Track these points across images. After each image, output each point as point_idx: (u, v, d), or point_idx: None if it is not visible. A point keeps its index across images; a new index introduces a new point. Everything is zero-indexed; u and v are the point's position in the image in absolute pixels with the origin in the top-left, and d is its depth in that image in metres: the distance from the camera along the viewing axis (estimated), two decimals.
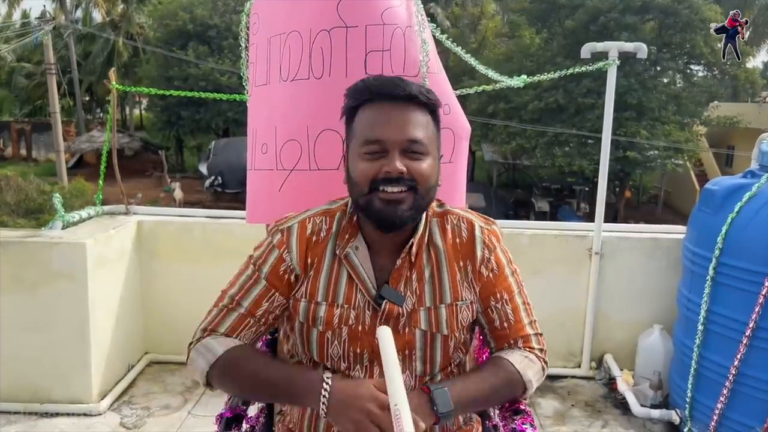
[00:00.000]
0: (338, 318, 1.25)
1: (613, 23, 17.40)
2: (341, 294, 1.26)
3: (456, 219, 1.32)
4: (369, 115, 1.22)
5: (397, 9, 1.71)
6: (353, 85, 1.25)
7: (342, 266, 1.27)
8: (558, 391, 3.43)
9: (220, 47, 21.52)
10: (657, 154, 18.17)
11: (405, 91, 1.20)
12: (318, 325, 1.26)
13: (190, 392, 3.28)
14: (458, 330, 1.28)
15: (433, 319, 1.26)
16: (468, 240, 1.31)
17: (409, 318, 1.25)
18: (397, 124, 1.19)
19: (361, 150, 1.21)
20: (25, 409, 2.97)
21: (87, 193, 12.50)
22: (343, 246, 1.27)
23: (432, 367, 1.28)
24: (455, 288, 1.28)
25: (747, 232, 2.65)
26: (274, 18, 1.81)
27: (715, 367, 2.77)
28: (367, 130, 1.20)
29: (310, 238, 1.29)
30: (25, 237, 3.03)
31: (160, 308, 3.54)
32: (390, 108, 1.20)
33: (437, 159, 1.25)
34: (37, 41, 16.71)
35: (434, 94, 1.26)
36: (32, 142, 27.24)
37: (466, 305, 1.29)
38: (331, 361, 1.27)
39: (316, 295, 1.27)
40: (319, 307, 1.26)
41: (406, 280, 1.26)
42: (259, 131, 1.86)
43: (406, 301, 1.25)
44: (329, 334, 1.26)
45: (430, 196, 1.24)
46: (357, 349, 1.25)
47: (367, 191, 1.19)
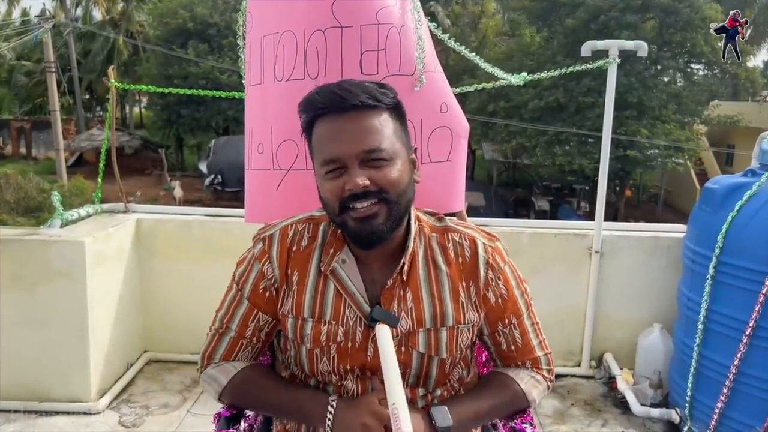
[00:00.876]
0: (326, 335, 1.20)
1: (614, 22, 17.39)
2: (328, 310, 1.20)
3: (458, 236, 1.25)
4: (320, 132, 1.16)
5: (392, 8, 1.71)
6: (301, 102, 1.20)
7: (328, 280, 1.21)
8: (558, 390, 3.42)
9: (220, 45, 21.51)
10: (657, 153, 18.17)
11: (350, 101, 1.12)
12: (305, 342, 1.22)
13: (189, 391, 3.28)
14: (457, 352, 1.24)
15: (432, 341, 1.21)
16: (471, 260, 1.24)
17: (407, 338, 1.20)
18: (350, 138, 1.12)
19: (321, 171, 1.16)
20: (23, 408, 2.97)
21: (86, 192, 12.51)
22: (329, 261, 1.21)
23: (427, 382, 1.25)
24: (458, 310, 1.22)
25: (747, 230, 2.64)
26: (266, 17, 1.80)
27: (715, 366, 2.77)
28: (322, 150, 1.15)
29: (290, 248, 1.23)
30: (24, 235, 3.02)
31: (159, 306, 3.54)
32: (339, 121, 1.13)
33: (407, 157, 1.19)
34: (37, 39, 16.71)
35: (389, 89, 1.18)
36: (32, 140, 27.24)
37: (467, 328, 1.24)
38: (321, 375, 1.24)
39: (302, 311, 1.21)
40: (306, 324, 1.21)
41: (399, 300, 1.20)
42: (255, 131, 1.85)
43: (401, 321, 1.19)
44: (317, 351, 1.22)
45: (407, 198, 1.17)
46: (347, 365, 1.21)
47: (338, 211, 1.14)
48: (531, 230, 3.56)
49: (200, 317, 3.40)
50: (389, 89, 1.18)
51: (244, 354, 1.30)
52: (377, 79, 1.70)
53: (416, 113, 1.73)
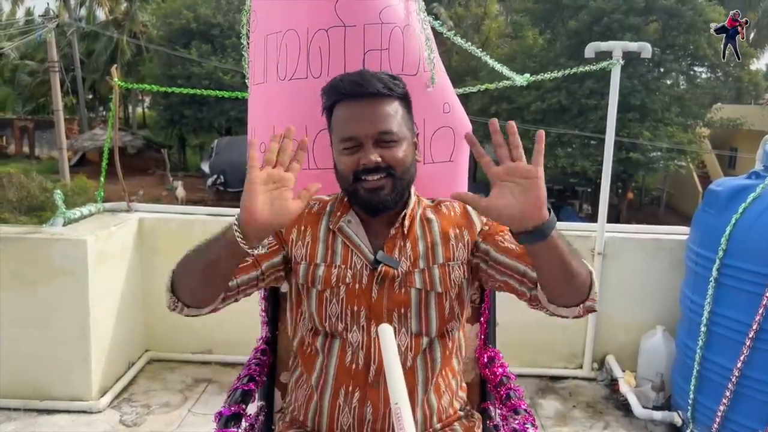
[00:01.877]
0: (336, 277, 1.35)
1: (617, 24, 17.36)
2: (338, 257, 1.36)
3: (449, 203, 1.46)
4: (341, 113, 1.35)
5: (396, 8, 1.70)
6: (326, 85, 1.39)
7: (337, 237, 1.38)
8: (559, 392, 3.41)
9: (224, 46, 21.52)
10: (660, 155, 18.15)
11: (369, 89, 1.31)
12: (317, 284, 1.35)
13: (190, 390, 3.28)
14: (452, 288, 1.36)
15: (427, 278, 1.35)
16: (462, 214, 1.43)
17: (405, 279, 1.34)
18: (367, 120, 1.31)
19: (340, 146, 1.34)
20: (24, 406, 2.97)
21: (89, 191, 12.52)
22: (336, 221, 1.39)
23: (428, 325, 1.35)
24: (447, 250, 1.37)
25: (751, 233, 2.63)
26: (270, 16, 1.80)
27: (718, 369, 2.76)
28: (342, 129, 1.34)
29: (305, 211, 1.40)
30: (26, 233, 3.02)
31: (160, 306, 3.49)
32: (358, 105, 1.33)
33: (411, 139, 1.37)
34: (41, 39, 16.73)
35: (399, 80, 1.37)
36: (35, 139, 27.30)
37: (458, 264, 1.38)
38: (329, 321, 1.35)
39: (315, 258, 1.37)
40: (318, 268, 1.36)
41: (400, 248, 1.36)
42: (258, 130, 1.85)
43: (401, 264, 1.34)
44: (327, 293, 1.34)
45: (409, 175, 1.36)
46: (354, 306, 1.33)
47: (351, 181, 1.32)
48: None
49: (202, 317, 3.42)
50: (400, 80, 1.38)
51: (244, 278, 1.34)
52: None
53: (419, 113, 1.72)
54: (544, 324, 1.37)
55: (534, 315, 1.35)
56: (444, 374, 1.40)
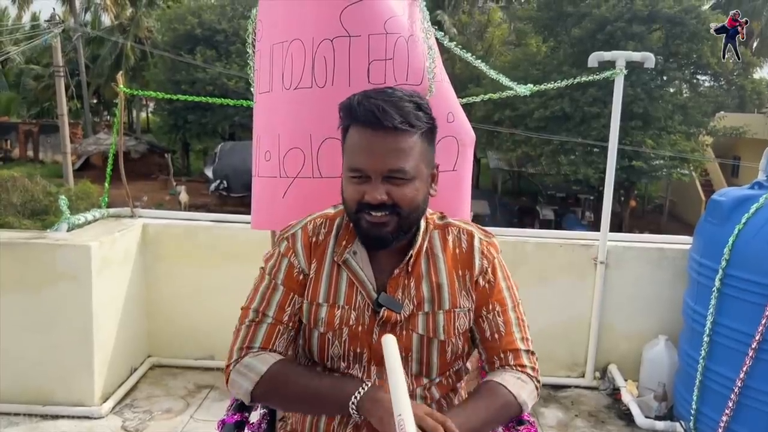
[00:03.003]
0: (339, 319, 1.30)
1: (620, 32, 17.40)
2: (342, 296, 1.31)
3: (456, 231, 1.37)
4: (354, 140, 1.25)
5: (400, 18, 1.72)
6: (342, 103, 1.27)
7: (341, 270, 1.32)
8: (561, 401, 3.41)
9: (228, 52, 21.61)
10: (663, 163, 18.14)
11: (385, 123, 1.19)
12: (319, 326, 1.31)
13: (192, 396, 3.28)
14: (455, 336, 1.32)
15: (430, 324, 1.30)
16: (467, 250, 1.35)
17: (407, 322, 1.30)
18: (379, 155, 1.21)
19: (348, 173, 1.26)
20: (27, 411, 2.97)
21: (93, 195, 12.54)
22: (341, 252, 1.32)
23: (429, 369, 1.32)
24: (454, 295, 1.32)
25: (754, 243, 2.63)
26: (276, 25, 1.81)
27: (721, 379, 2.75)
28: (351, 158, 1.25)
29: (313, 242, 1.34)
30: (31, 238, 3.04)
31: (163, 311, 3.54)
32: (372, 136, 1.21)
33: (426, 176, 1.28)
34: (46, 43, 16.79)
35: (424, 113, 1.24)
36: (39, 143, 27.40)
37: (463, 312, 1.33)
38: (331, 361, 1.31)
39: (317, 297, 1.32)
40: (321, 309, 1.31)
41: (403, 287, 1.31)
42: (263, 138, 1.86)
43: (404, 307, 1.29)
44: (330, 335, 1.30)
45: (417, 214, 1.28)
46: (357, 348, 1.30)
47: (354, 210, 1.26)
48: (536, 240, 3.55)
49: (205, 323, 3.45)
50: (426, 110, 1.25)
51: (281, 342, 1.32)
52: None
53: None
54: (546, 333, 1.38)
55: (536, 324, 1.36)
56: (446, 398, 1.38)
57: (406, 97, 1.24)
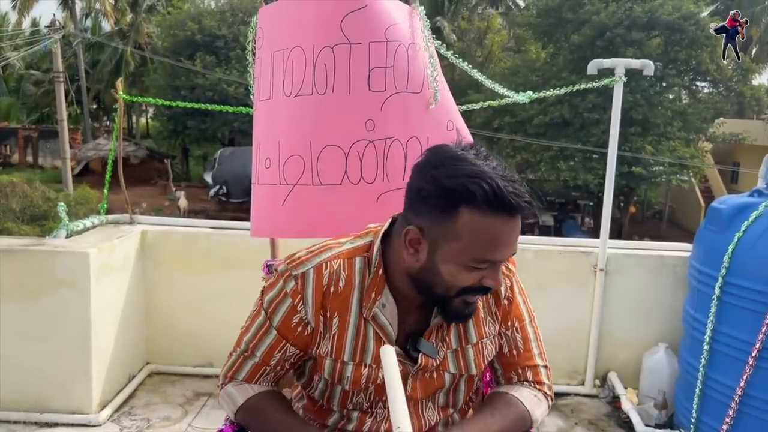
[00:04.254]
0: (366, 378, 1.23)
1: (619, 39, 17.46)
2: (369, 354, 1.22)
3: None
4: (494, 230, 1.07)
5: (400, 26, 1.72)
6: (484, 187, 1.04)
7: (368, 325, 1.21)
8: (561, 409, 3.39)
9: (228, 58, 21.66)
10: (662, 169, 18.17)
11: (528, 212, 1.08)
12: (344, 384, 1.24)
13: (191, 404, 3.26)
14: (484, 365, 1.31)
15: (461, 361, 1.27)
16: None
17: (439, 364, 1.25)
18: (513, 242, 1.10)
19: (470, 262, 1.09)
20: (25, 419, 2.96)
21: (92, 201, 12.53)
22: (370, 306, 1.20)
23: (455, 400, 1.31)
24: (479, 326, 1.27)
25: (754, 251, 2.63)
26: (277, 33, 1.82)
27: (721, 388, 2.74)
28: (488, 249, 1.08)
29: (327, 291, 1.20)
30: (29, 245, 3.03)
31: (162, 318, 3.53)
32: (511, 224, 1.08)
33: None
34: (46, 49, 16.83)
35: None
36: (39, 148, 27.43)
37: (490, 340, 1.30)
38: (354, 405, 1.28)
39: (342, 354, 1.22)
40: (346, 367, 1.22)
41: (436, 332, 1.25)
42: (263, 145, 1.86)
43: (438, 353, 1.24)
44: (355, 391, 1.26)
45: None
46: (383, 397, 1.21)
47: (454, 294, 1.14)
48: (536, 247, 3.55)
49: (203, 330, 3.43)
50: None
51: (266, 378, 1.30)
52: (385, 96, 1.72)
53: (424, 130, 1.73)
54: (545, 340, 1.36)
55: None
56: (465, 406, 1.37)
57: (509, 174, 1.09)
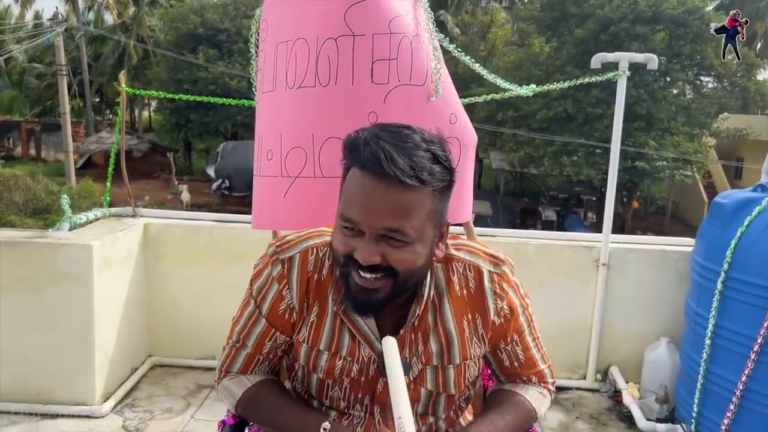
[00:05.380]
0: (339, 369, 1.21)
1: (624, 33, 17.40)
2: (345, 346, 1.20)
3: (462, 267, 1.21)
4: (352, 183, 1.06)
5: (405, 18, 1.71)
6: (350, 135, 1.07)
7: (344, 326, 1.20)
8: (562, 403, 3.40)
9: (230, 51, 21.64)
10: (665, 164, 18.13)
11: (389, 172, 0.99)
12: (318, 372, 1.23)
13: (193, 396, 3.28)
14: (465, 386, 1.27)
15: (440, 379, 1.22)
16: (477, 292, 1.21)
17: (416, 378, 1.22)
18: (377, 209, 1.02)
19: (339, 220, 1.08)
20: (28, 410, 2.97)
21: (94, 194, 12.57)
22: (340, 300, 1.17)
23: (435, 410, 1.28)
24: (464, 347, 1.22)
25: (756, 246, 2.62)
26: (281, 25, 1.81)
27: (723, 382, 2.75)
28: (345, 204, 1.07)
29: (311, 277, 1.19)
30: (33, 237, 3.04)
31: (164, 311, 3.54)
32: (374, 186, 1.02)
33: (432, 238, 1.10)
34: (49, 42, 16.83)
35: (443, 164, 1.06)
36: (41, 142, 27.45)
37: (473, 362, 1.25)
38: (330, 400, 1.26)
39: (318, 343, 1.21)
40: (321, 356, 1.21)
41: (410, 344, 1.20)
42: (265, 138, 1.86)
43: (412, 367, 1.20)
44: (329, 381, 1.23)
45: (417, 278, 1.12)
46: (358, 394, 1.23)
47: (342, 263, 1.10)
48: (538, 242, 3.55)
49: (206, 322, 3.44)
50: (444, 163, 1.06)
51: (261, 368, 1.30)
52: (387, 88, 1.72)
53: (426, 123, 1.72)
54: (547, 334, 1.36)
55: (537, 325, 1.35)
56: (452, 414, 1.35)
57: (424, 144, 1.05)
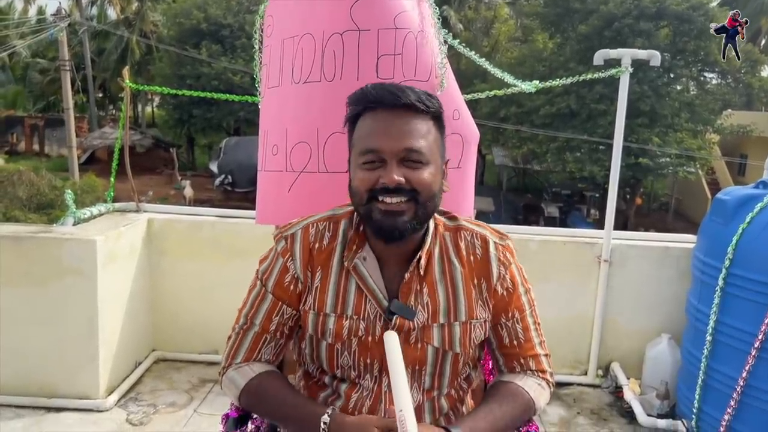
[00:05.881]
0: (347, 330, 1.24)
1: (627, 29, 17.33)
2: (350, 305, 1.25)
3: (470, 235, 1.30)
4: (367, 124, 1.21)
5: (410, 13, 1.72)
6: (353, 93, 1.23)
7: (350, 277, 1.25)
8: (564, 398, 3.41)
9: (233, 46, 21.62)
10: (669, 161, 18.08)
11: (403, 100, 1.17)
12: (327, 337, 1.26)
13: (196, 390, 3.30)
14: (470, 348, 1.29)
15: (446, 336, 1.25)
16: (483, 258, 1.29)
17: (422, 333, 1.24)
18: (395, 134, 1.17)
19: (359, 160, 1.20)
20: (32, 404, 3.00)
21: (98, 189, 12.61)
22: (351, 257, 1.25)
23: (440, 382, 1.29)
24: (470, 306, 1.27)
25: (758, 243, 2.63)
26: (288, 20, 1.81)
27: (723, 378, 2.75)
28: (365, 140, 1.19)
29: (313, 246, 1.28)
30: (37, 232, 3.06)
31: (168, 306, 3.56)
32: (388, 117, 1.18)
33: (440, 166, 1.23)
34: (52, 37, 16.85)
35: (436, 99, 1.23)
36: (45, 137, 27.48)
37: (479, 323, 1.28)
38: (341, 370, 1.27)
39: (324, 307, 1.26)
40: (328, 319, 1.25)
41: (416, 294, 1.25)
42: (270, 133, 1.87)
43: (417, 315, 1.24)
44: (339, 346, 1.26)
45: (433, 205, 1.21)
46: (367, 359, 1.25)
47: (366, 200, 1.18)
48: (540, 238, 3.55)
49: (208, 317, 3.46)
50: (436, 99, 1.24)
51: (267, 350, 1.31)
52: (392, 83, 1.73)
53: None
54: (549, 330, 1.37)
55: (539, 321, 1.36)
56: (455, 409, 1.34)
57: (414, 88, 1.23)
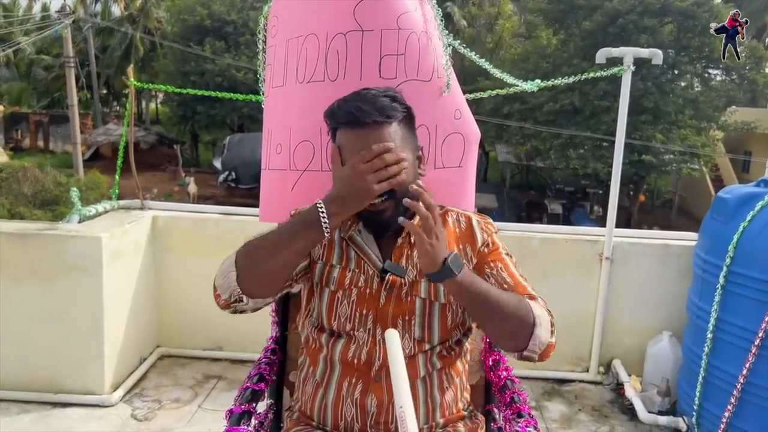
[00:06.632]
0: (349, 280, 1.41)
1: (632, 26, 17.27)
2: (352, 261, 1.42)
3: (455, 214, 1.49)
4: (341, 139, 1.36)
5: (413, 14, 1.73)
6: (327, 110, 1.39)
7: (350, 247, 1.43)
8: (565, 395, 3.43)
9: (237, 43, 21.63)
10: (672, 158, 18.04)
11: (364, 119, 1.31)
12: (331, 284, 1.42)
13: (201, 386, 3.33)
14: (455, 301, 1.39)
15: (432, 289, 1.39)
16: (467, 229, 1.46)
17: (411, 287, 1.39)
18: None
19: None
20: (38, 399, 3.03)
21: (102, 186, 12.64)
22: (347, 230, 1.44)
23: (430, 334, 1.40)
24: None
25: (759, 241, 2.64)
26: (292, 20, 1.83)
27: (724, 376, 2.77)
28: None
29: None
30: (43, 230, 3.08)
31: (172, 302, 3.59)
32: (354, 134, 1.32)
33: (412, 158, 1.37)
34: (57, 34, 16.90)
35: (400, 101, 1.36)
36: (49, 133, 27.59)
37: None
38: (338, 320, 1.40)
39: (331, 259, 1.43)
40: (334, 269, 1.43)
41: (407, 257, 1.40)
42: (274, 132, 1.89)
43: (408, 273, 1.38)
44: (340, 294, 1.41)
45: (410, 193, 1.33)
46: (363, 310, 1.39)
47: None
48: (542, 235, 3.57)
49: (212, 314, 3.44)
50: (400, 101, 1.37)
51: None
52: (395, 83, 1.74)
53: (431, 119, 1.75)
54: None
55: None
56: (447, 372, 1.43)
57: (380, 93, 1.35)
